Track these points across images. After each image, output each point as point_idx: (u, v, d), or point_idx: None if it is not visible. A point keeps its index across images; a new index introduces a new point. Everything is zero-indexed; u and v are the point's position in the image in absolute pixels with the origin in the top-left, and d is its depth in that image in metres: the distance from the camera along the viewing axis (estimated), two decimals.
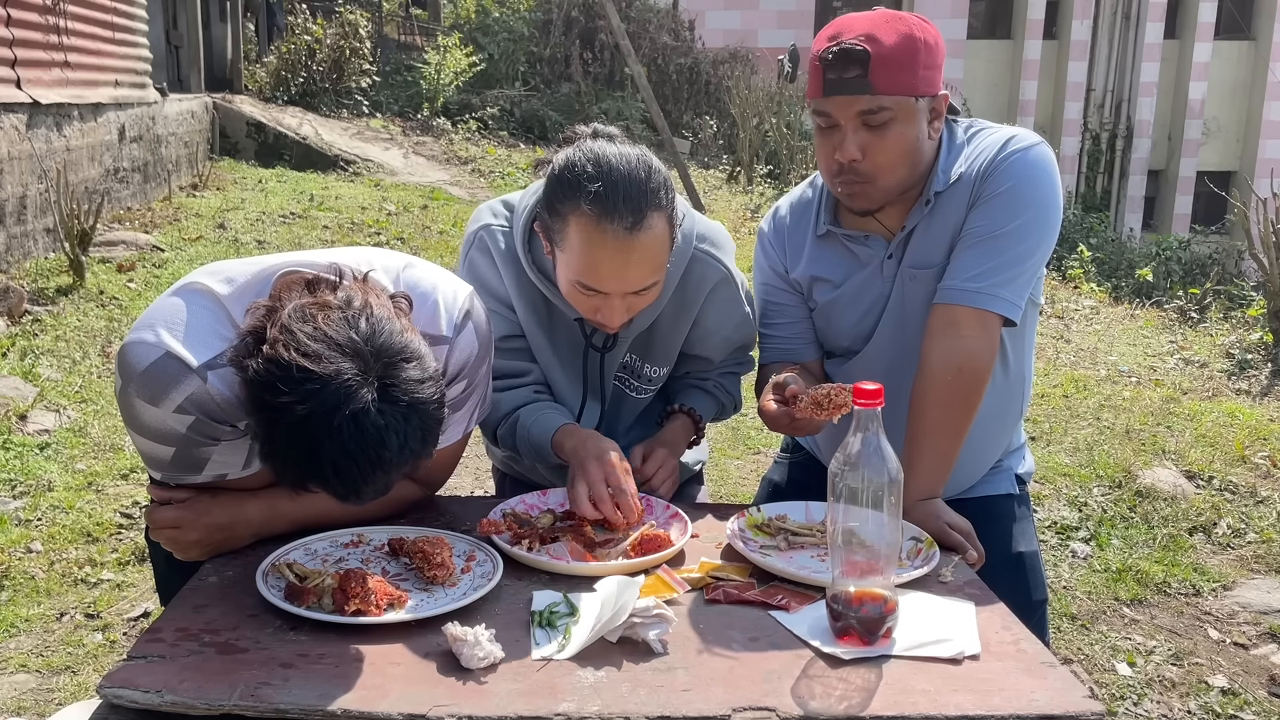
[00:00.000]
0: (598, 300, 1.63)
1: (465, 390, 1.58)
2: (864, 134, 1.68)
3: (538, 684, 1.18)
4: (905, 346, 1.82)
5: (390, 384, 1.27)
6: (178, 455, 1.43)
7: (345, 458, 1.23)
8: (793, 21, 17.20)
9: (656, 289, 1.67)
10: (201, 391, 1.37)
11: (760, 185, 11.67)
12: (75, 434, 4.18)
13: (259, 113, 10.76)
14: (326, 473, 1.25)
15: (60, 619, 3.02)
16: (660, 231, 1.59)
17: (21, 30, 6.08)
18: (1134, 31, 16.85)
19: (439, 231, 8.07)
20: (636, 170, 1.57)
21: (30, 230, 6.04)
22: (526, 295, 1.81)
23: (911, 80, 1.65)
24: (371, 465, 1.25)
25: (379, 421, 1.24)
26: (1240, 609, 3.38)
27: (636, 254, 1.57)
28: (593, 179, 1.55)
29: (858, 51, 1.62)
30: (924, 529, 1.58)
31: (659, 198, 1.58)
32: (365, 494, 1.29)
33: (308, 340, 1.24)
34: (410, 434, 1.27)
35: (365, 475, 1.25)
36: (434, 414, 1.31)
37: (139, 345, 1.38)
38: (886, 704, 1.16)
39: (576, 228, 1.57)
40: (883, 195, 1.74)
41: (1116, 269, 9.79)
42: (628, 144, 1.64)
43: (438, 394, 1.32)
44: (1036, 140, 1.76)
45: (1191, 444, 4.72)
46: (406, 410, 1.27)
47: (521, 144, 12.84)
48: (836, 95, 1.66)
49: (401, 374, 1.28)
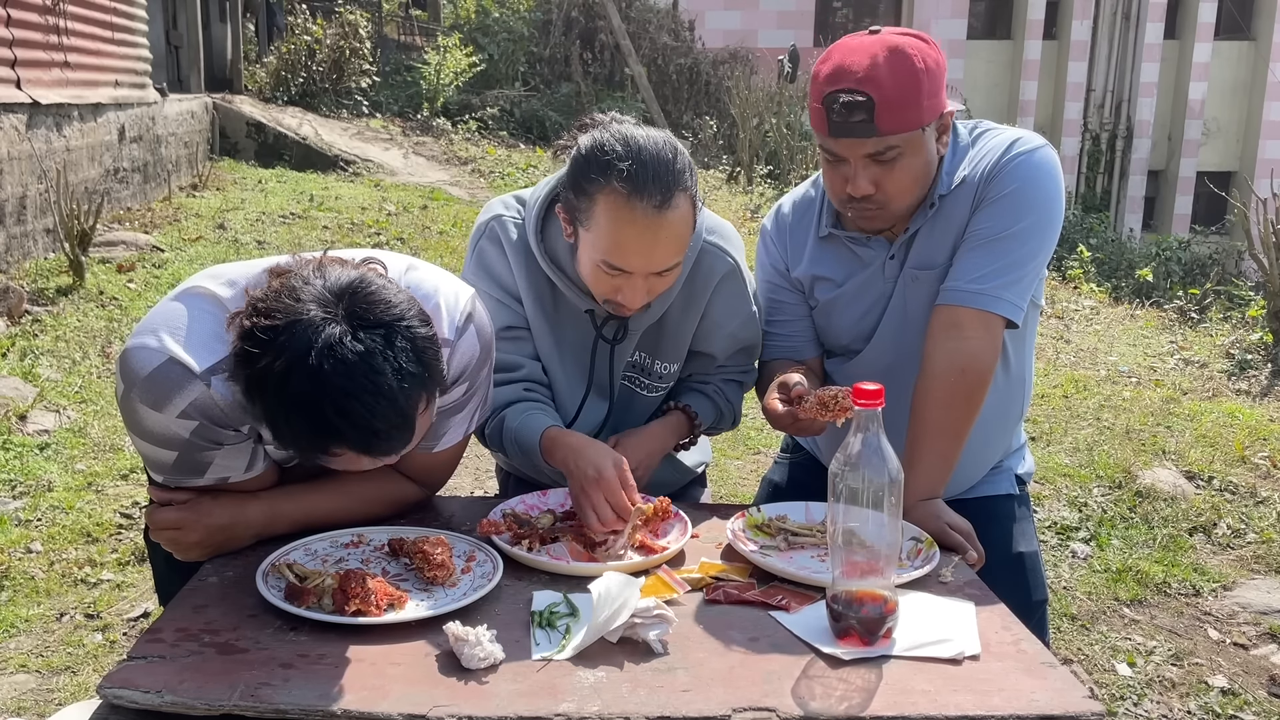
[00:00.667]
0: (620, 280, 1.64)
1: (466, 393, 1.57)
2: (874, 169, 1.69)
3: (538, 684, 1.18)
4: (906, 347, 1.82)
5: (358, 311, 1.26)
6: (180, 459, 1.43)
7: (341, 395, 1.22)
8: (793, 22, 17.20)
9: (676, 271, 1.69)
10: (205, 396, 1.37)
11: (760, 185, 11.67)
12: (75, 434, 4.18)
13: (259, 113, 10.76)
14: (333, 420, 1.22)
15: (60, 619, 3.02)
16: (685, 212, 1.62)
17: (21, 30, 6.08)
18: (1134, 32, 16.85)
19: (439, 232, 8.06)
20: (664, 151, 1.61)
21: (30, 230, 6.04)
22: (535, 286, 1.82)
23: (917, 115, 1.65)
24: (372, 395, 1.22)
25: (357, 347, 1.23)
26: (1240, 609, 3.37)
27: (664, 232, 1.60)
28: (622, 158, 1.58)
29: (860, 102, 1.62)
30: (924, 529, 1.58)
31: (684, 179, 1.61)
32: (383, 434, 1.26)
33: (265, 305, 1.26)
34: (400, 355, 1.25)
35: (370, 408, 1.23)
36: (419, 332, 1.29)
37: (141, 350, 1.38)
38: (886, 704, 1.16)
39: (605, 205, 1.59)
40: (894, 217, 1.77)
41: (1116, 269, 9.79)
42: (652, 128, 1.67)
43: (415, 311, 1.30)
44: (1041, 143, 1.77)
45: (1191, 444, 4.72)
46: (386, 332, 1.25)
47: (521, 144, 12.85)
48: (844, 137, 1.67)
49: (367, 300, 1.27)
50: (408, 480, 1.66)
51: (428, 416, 1.36)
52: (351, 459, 1.30)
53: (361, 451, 1.27)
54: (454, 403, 1.57)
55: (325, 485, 1.59)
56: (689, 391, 1.97)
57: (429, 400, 1.33)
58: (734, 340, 1.91)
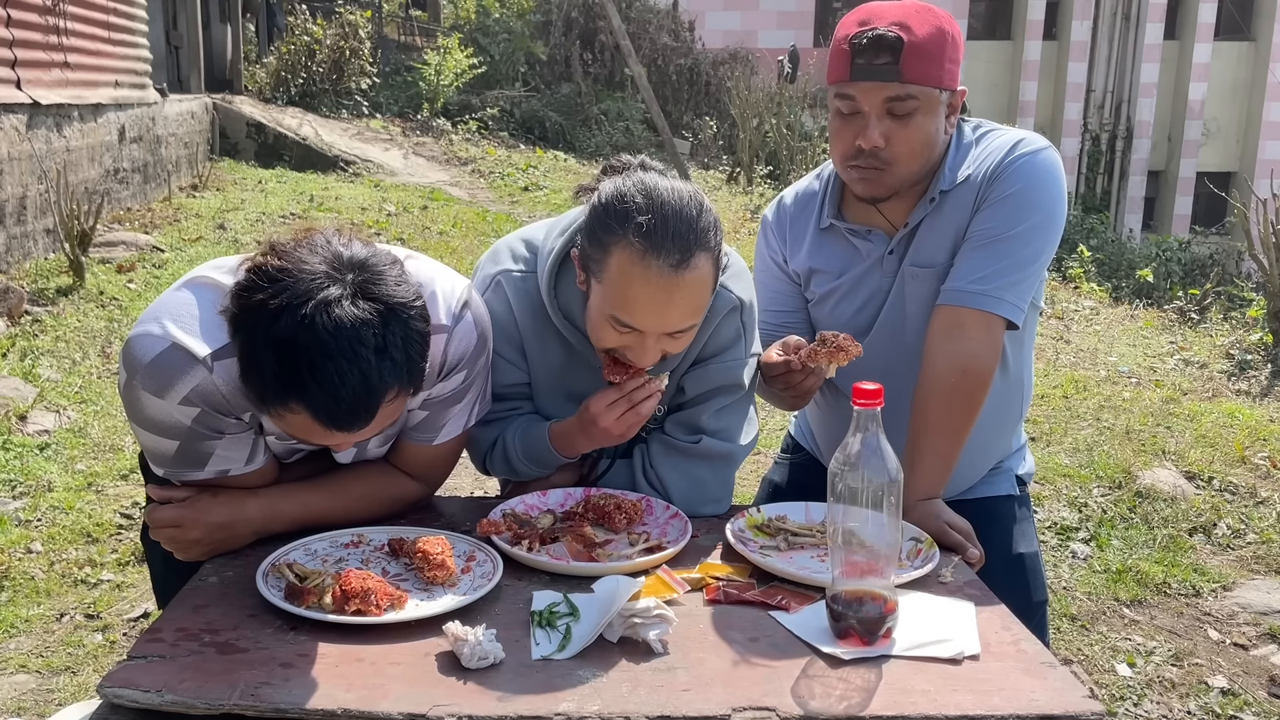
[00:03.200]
0: (630, 338, 1.54)
1: (464, 381, 1.58)
2: (887, 121, 1.69)
3: (538, 684, 1.18)
4: (903, 344, 1.82)
5: (365, 283, 1.27)
6: (182, 449, 1.43)
7: (319, 351, 1.22)
8: (793, 22, 17.21)
9: (692, 333, 1.59)
10: (207, 382, 1.37)
11: (760, 186, 11.68)
12: (75, 434, 4.19)
13: (259, 113, 10.76)
14: (303, 373, 1.23)
15: (60, 619, 3.02)
16: (705, 273, 1.51)
17: (21, 31, 6.08)
18: (1134, 32, 16.86)
19: (439, 232, 8.07)
20: (688, 207, 1.51)
21: (30, 231, 6.04)
22: (547, 345, 1.73)
23: (939, 72, 1.67)
24: (348, 361, 1.23)
25: (353, 312, 1.24)
26: (1240, 609, 3.38)
27: (679, 293, 1.50)
28: (642, 210, 1.48)
29: (891, 38, 1.63)
30: (924, 529, 1.58)
31: (708, 238, 1.51)
32: (345, 406, 1.25)
33: (282, 249, 1.28)
34: (389, 337, 1.26)
35: (342, 374, 1.23)
36: (416, 326, 1.30)
37: (145, 338, 1.39)
38: (886, 704, 1.16)
39: (619, 260, 1.49)
40: (896, 183, 1.75)
41: (1116, 269, 9.79)
42: (678, 180, 1.57)
43: (418, 306, 1.31)
44: (1045, 144, 1.77)
45: (1191, 445, 4.72)
46: (385, 312, 1.26)
47: (521, 145, 12.85)
48: (865, 81, 1.67)
49: (377, 278, 1.28)
50: (407, 478, 1.66)
51: (394, 410, 1.36)
52: (305, 423, 1.29)
53: (318, 417, 1.27)
54: (452, 391, 1.57)
55: (325, 483, 1.60)
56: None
57: (400, 394, 1.33)
58: (705, 377, 1.73)
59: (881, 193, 1.76)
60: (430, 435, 1.61)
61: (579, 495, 1.72)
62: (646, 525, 1.64)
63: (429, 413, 1.59)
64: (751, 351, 1.75)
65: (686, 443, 1.73)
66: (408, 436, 1.62)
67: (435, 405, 1.58)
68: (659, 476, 1.73)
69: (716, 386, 1.73)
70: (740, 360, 1.73)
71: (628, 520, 1.63)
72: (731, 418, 1.75)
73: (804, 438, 2.14)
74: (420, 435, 1.62)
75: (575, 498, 1.71)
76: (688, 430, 1.75)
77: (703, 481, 1.73)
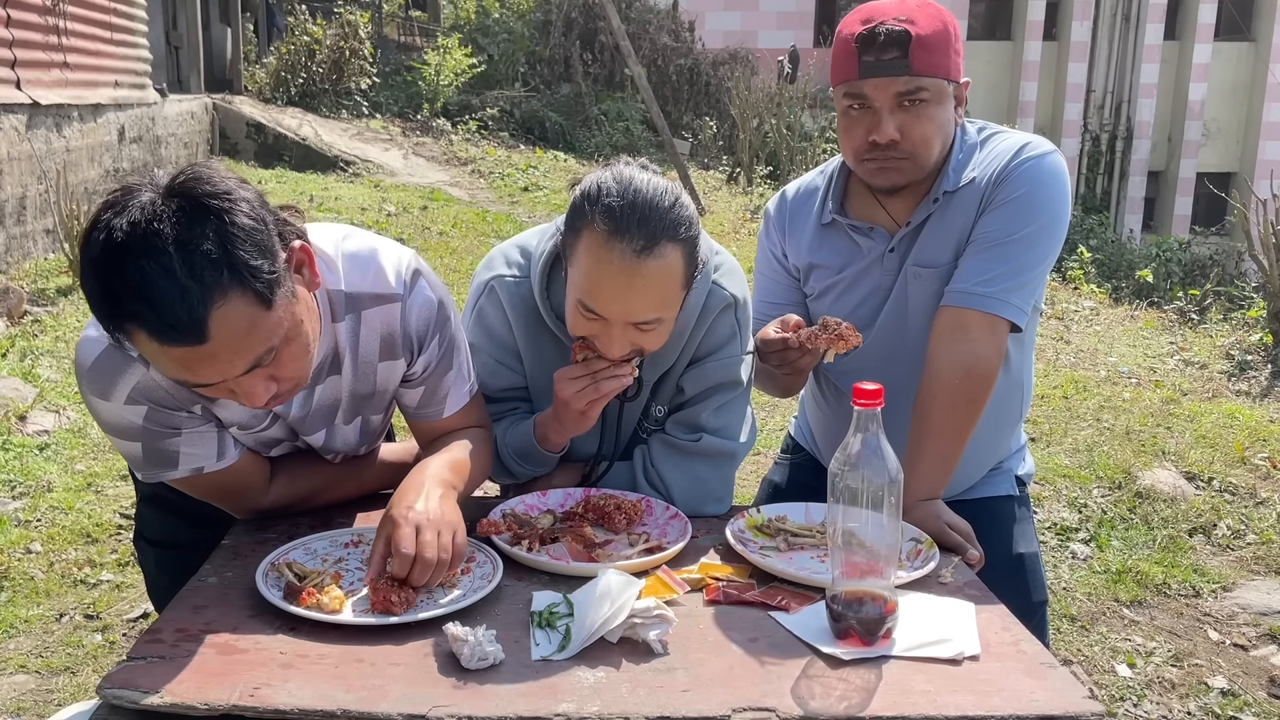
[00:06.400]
0: (597, 326, 1.54)
1: (441, 346, 1.57)
2: (900, 115, 1.70)
3: (538, 684, 1.18)
4: (903, 343, 1.82)
5: (177, 185, 1.19)
6: (146, 450, 1.44)
7: (122, 255, 1.15)
8: (793, 23, 17.22)
9: (663, 330, 1.57)
10: (146, 379, 1.37)
11: (760, 186, 11.68)
12: (75, 435, 4.19)
13: (259, 113, 10.77)
14: (116, 285, 1.16)
15: (60, 620, 3.02)
16: (672, 264, 1.50)
17: (21, 31, 6.08)
18: (1134, 33, 16.86)
19: (439, 233, 8.06)
20: (661, 196, 1.50)
21: (30, 231, 6.04)
22: (541, 348, 1.74)
23: (945, 63, 1.69)
24: (149, 258, 1.14)
25: (151, 211, 1.16)
26: (1240, 610, 3.38)
27: (641, 280, 1.48)
28: (612, 194, 1.49)
29: (898, 33, 1.65)
30: (924, 529, 1.58)
31: (677, 230, 1.50)
32: (165, 306, 1.15)
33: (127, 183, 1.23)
34: (198, 229, 1.16)
35: (147, 274, 1.14)
36: (236, 220, 1.19)
37: (85, 342, 1.39)
38: (886, 704, 1.16)
39: (586, 243, 1.50)
40: (914, 171, 1.75)
41: (1116, 270, 9.80)
42: (662, 178, 1.56)
43: (245, 204, 1.21)
44: (1050, 148, 1.77)
45: (1191, 445, 4.72)
46: (191, 206, 1.17)
47: (521, 145, 12.86)
48: (875, 77, 1.68)
49: (194, 179, 1.20)
50: (471, 428, 1.67)
51: (252, 323, 1.22)
52: (155, 350, 1.20)
53: (149, 329, 1.17)
54: (436, 361, 1.58)
55: (456, 447, 1.59)
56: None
57: (237, 297, 1.19)
58: (702, 376, 1.73)
59: (901, 180, 1.77)
60: (438, 408, 1.62)
61: (579, 495, 1.72)
62: (646, 526, 1.63)
63: (424, 388, 1.60)
64: (747, 349, 1.76)
65: (687, 441, 1.74)
66: (420, 418, 1.64)
67: (426, 380, 1.59)
68: (660, 476, 1.74)
69: (715, 384, 1.73)
70: (736, 357, 1.74)
71: (628, 521, 1.62)
72: (731, 415, 1.75)
73: (804, 438, 2.14)
74: (428, 411, 1.62)
75: (575, 498, 1.71)
76: (688, 429, 1.75)
77: (704, 480, 1.74)
